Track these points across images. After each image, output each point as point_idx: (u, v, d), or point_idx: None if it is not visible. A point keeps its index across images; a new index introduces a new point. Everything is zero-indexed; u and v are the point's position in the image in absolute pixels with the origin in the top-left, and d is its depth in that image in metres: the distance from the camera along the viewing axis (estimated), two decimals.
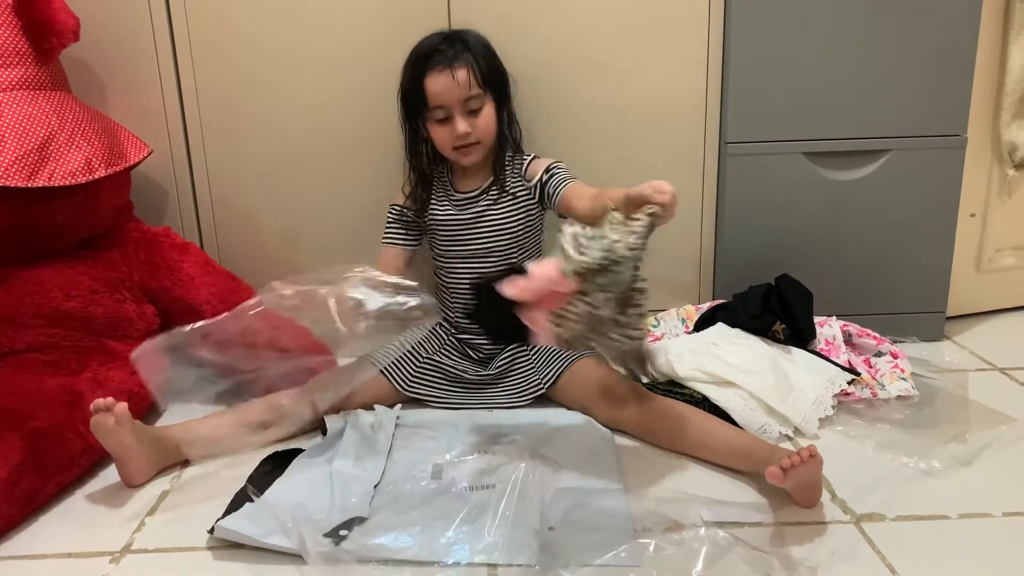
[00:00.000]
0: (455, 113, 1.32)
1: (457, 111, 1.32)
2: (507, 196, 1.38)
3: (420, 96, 1.32)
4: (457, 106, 1.31)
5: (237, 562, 0.96)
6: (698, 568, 0.89)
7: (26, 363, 1.22)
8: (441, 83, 1.30)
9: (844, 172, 1.51)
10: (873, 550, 0.95)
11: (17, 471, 1.04)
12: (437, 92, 1.31)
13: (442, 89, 1.31)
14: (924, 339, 1.58)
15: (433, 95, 1.31)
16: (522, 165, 1.40)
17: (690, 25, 1.47)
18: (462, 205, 1.40)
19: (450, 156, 1.37)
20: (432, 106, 1.32)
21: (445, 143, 1.35)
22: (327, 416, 1.24)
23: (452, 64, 1.30)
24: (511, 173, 1.39)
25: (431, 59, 1.31)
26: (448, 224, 1.40)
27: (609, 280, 0.95)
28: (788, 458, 0.99)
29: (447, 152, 1.36)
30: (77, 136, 1.28)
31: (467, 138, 1.33)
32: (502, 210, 1.38)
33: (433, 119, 1.33)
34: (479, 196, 1.39)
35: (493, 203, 1.38)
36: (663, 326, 1.52)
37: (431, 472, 1.09)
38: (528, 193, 1.38)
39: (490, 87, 1.35)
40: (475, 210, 1.39)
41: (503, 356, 1.40)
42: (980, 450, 1.17)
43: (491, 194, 1.38)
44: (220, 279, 1.41)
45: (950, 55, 1.46)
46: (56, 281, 1.28)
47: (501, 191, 1.38)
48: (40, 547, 1.01)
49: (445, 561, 0.93)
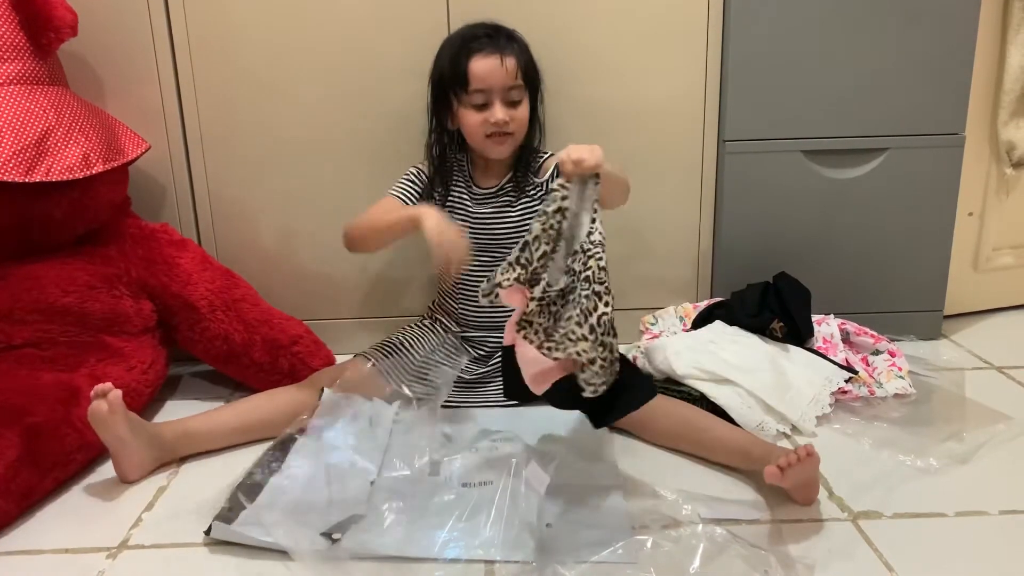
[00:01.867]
0: (495, 99, 1.29)
1: (498, 98, 1.30)
2: (524, 196, 1.38)
3: (461, 78, 1.29)
4: (499, 93, 1.29)
5: (233, 558, 0.96)
6: (695, 565, 0.89)
7: (23, 359, 1.22)
8: (488, 66, 1.28)
9: (842, 170, 1.52)
10: (870, 548, 0.95)
11: (14, 467, 1.04)
12: (482, 75, 1.28)
13: (487, 72, 1.28)
14: (921, 337, 1.59)
15: (477, 77, 1.28)
16: (538, 164, 1.40)
17: (689, 24, 1.47)
18: (479, 200, 1.39)
19: (479, 145, 1.34)
20: (473, 89, 1.29)
21: (478, 130, 1.31)
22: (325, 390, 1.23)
23: (502, 50, 1.29)
24: (530, 173, 1.39)
25: (480, 42, 1.30)
26: (462, 217, 1.39)
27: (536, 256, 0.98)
28: (785, 457, 0.99)
29: (477, 140, 1.33)
30: (75, 131, 1.28)
31: (503, 127, 1.30)
32: (517, 209, 1.38)
33: (470, 103, 1.30)
34: (497, 193, 1.38)
35: (510, 201, 1.38)
36: (661, 324, 1.52)
37: (428, 469, 1.09)
38: (541, 191, 1.38)
39: (529, 84, 1.34)
40: (492, 206, 1.38)
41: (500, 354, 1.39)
42: (977, 448, 1.17)
43: (509, 192, 1.38)
44: (217, 275, 1.41)
45: (948, 54, 1.46)
46: (53, 277, 1.28)
47: (518, 189, 1.38)
48: (37, 543, 1.01)
49: (442, 558, 0.93)
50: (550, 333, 1.00)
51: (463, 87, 1.29)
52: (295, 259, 1.57)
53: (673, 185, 1.54)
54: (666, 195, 1.54)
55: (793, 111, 1.48)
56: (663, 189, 1.54)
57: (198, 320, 1.37)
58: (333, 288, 1.58)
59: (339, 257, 1.56)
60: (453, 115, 1.34)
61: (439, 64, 1.35)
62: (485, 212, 1.38)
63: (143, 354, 1.32)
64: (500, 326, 1.41)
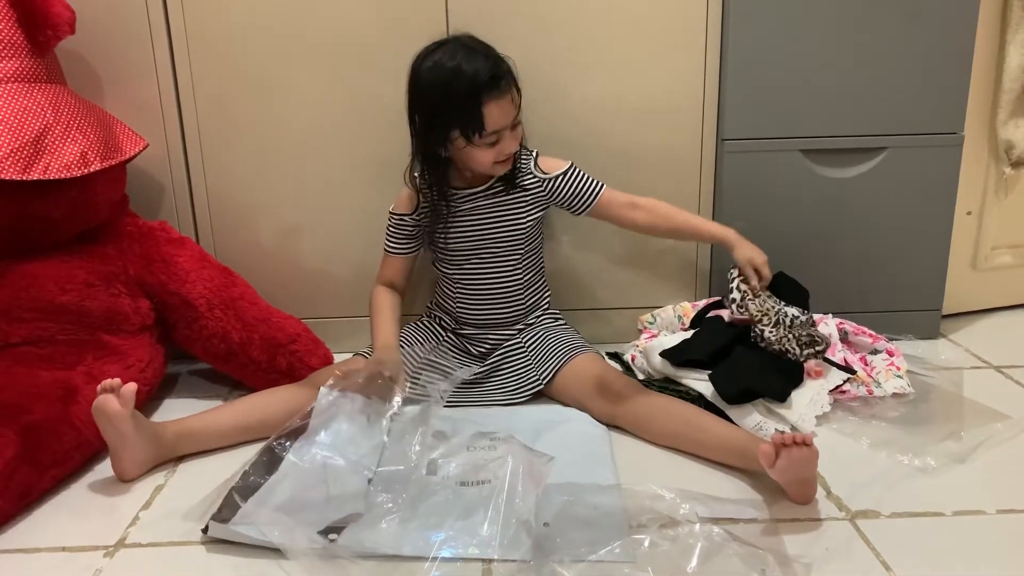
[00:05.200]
0: (506, 134, 1.30)
1: (507, 131, 1.30)
2: (516, 190, 1.38)
3: (475, 123, 1.26)
4: (509, 127, 1.30)
5: (231, 557, 0.96)
6: (693, 564, 0.89)
7: (21, 357, 1.22)
8: (502, 109, 1.27)
9: (841, 170, 1.51)
10: (868, 547, 0.95)
11: (11, 465, 1.04)
12: (498, 118, 1.27)
13: (502, 115, 1.28)
14: (920, 337, 1.59)
15: (494, 121, 1.27)
16: (529, 160, 1.40)
17: (688, 22, 1.47)
18: (467, 199, 1.39)
19: (485, 171, 1.34)
20: (489, 132, 1.28)
21: (488, 162, 1.31)
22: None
23: (509, 88, 1.29)
24: (519, 169, 1.39)
25: (489, 86, 1.26)
26: (453, 219, 1.39)
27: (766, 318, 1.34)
28: (780, 436, 0.99)
29: (484, 168, 1.33)
30: (72, 129, 1.28)
31: (512, 153, 1.33)
32: (511, 203, 1.38)
33: (485, 143, 1.29)
34: (486, 190, 1.38)
35: (502, 196, 1.38)
36: (659, 323, 1.52)
37: (426, 468, 1.09)
38: (539, 185, 1.38)
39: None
40: (484, 203, 1.38)
41: (498, 352, 1.40)
42: (975, 447, 1.17)
43: (498, 188, 1.38)
44: (216, 274, 1.41)
45: (948, 53, 1.46)
46: (51, 275, 1.28)
47: (509, 185, 1.38)
48: (34, 541, 1.01)
49: (439, 556, 0.93)
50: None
51: (478, 131, 1.27)
52: (294, 257, 1.57)
53: (672, 183, 1.54)
54: (665, 193, 1.53)
55: (792, 110, 1.48)
56: (662, 187, 1.53)
57: (196, 318, 1.37)
58: (332, 286, 1.58)
59: (337, 255, 1.57)
60: (448, 143, 1.31)
61: (437, 99, 1.27)
62: (476, 212, 1.38)
63: (141, 352, 1.32)
64: (498, 324, 1.42)
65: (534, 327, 1.43)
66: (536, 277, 1.46)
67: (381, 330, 1.38)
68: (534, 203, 1.40)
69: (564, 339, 1.39)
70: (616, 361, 1.47)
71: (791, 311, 1.34)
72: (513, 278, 1.41)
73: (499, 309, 1.42)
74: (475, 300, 1.42)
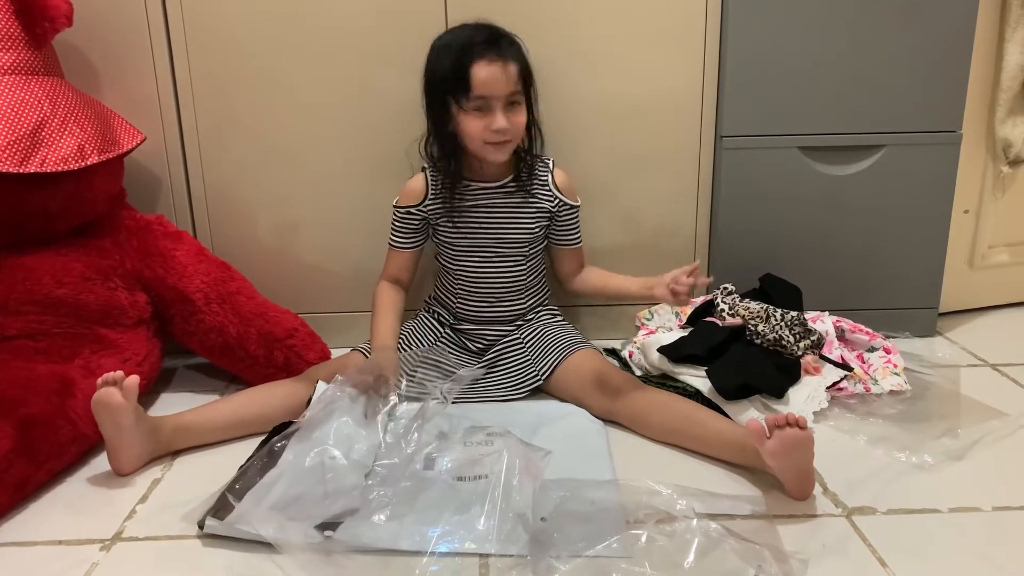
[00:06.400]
0: (496, 107, 1.28)
1: (499, 105, 1.28)
2: (530, 197, 1.39)
3: (463, 83, 1.26)
4: (501, 99, 1.28)
5: (227, 551, 0.96)
6: (690, 560, 0.89)
7: (17, 350, 1.22)
8: (490, 72, 1.26)
9: (839, 167, 1.52)
10: (864, 543, 0.95)
11: (8, 458, 1.04)
12: (485, 81, 1.26)
13: (490, 79, 1.26)
14: (917, 335, 1.59)
15: (480, 84, 1.26)
16: (546, 168, 1.40)
17: (687, 19, 1.46)
18: (478, 195, 1.38)
19: (478, 150, 1.32)
20: (475, 95, 1.27)
21: (477, 135, 1.30)
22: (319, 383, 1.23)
23: (504, 57, 1.28)
24: (533, 173, 1.39)
25: (482, 48, 1.27)
26: (462, 213, 1.38)
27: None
28: (773, 416, 0.99)
29: (476, 145, 1.31)
30: (70, 122, 1.27)
31: (504, 134, 1.29)
32: (522, 207, 1.39)
33: (471, 108, 1.28)
34: (498, 189, 1.38)
35: (514, 198, 1.38)
36: (657, 319, 1.52)
37: (423, 463, 1.09)
38: (551, 201, 1.39)
39: (526, 88, 1.34)
40: (495, 201, 1.38)
41: (496, 348, 1.40)
42: (971, 445, 1.17)
43: (510, 188, 1.38)
44: (213, 268, 1.40)
45: (946, 51, 1.46)
46: (48, 268, 1.28)
47: (519, 187, 1.38)
48: (30, 534, 1.01)
49: (437, 551, 0.93)
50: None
51: (464, 93, 1.27)
52: (291, 252, 1.56)
53: (670, 180, 1.54)
54: (663, 190, 1.54)
55: (790, 107, 1.48)
56: (660, 184, 1.54)
57: (193, 312, 1.37)
58: (329, 281, 1.58)
59: (335, 250, 1.57)
60: (450, 118, 1.32)
61: (437, 67, 1.32)
62: (486, 208, 1.38)
63: (138, 346, 1.32)
64: (496, 320, 1.42)
65: (532, 323, 1.43)
66: (538, 277, 1.46)
67: (380, 330, 1.38)
68: (544, 214, 1.40)
69: (562, 335, 1.39)
70: (614, 357, 1.47)
71: (780, 311, 1.35)
72: (516, 277, 1.41)
73: (500, 306, 1.42)
74: (476, 296, 1.42)
